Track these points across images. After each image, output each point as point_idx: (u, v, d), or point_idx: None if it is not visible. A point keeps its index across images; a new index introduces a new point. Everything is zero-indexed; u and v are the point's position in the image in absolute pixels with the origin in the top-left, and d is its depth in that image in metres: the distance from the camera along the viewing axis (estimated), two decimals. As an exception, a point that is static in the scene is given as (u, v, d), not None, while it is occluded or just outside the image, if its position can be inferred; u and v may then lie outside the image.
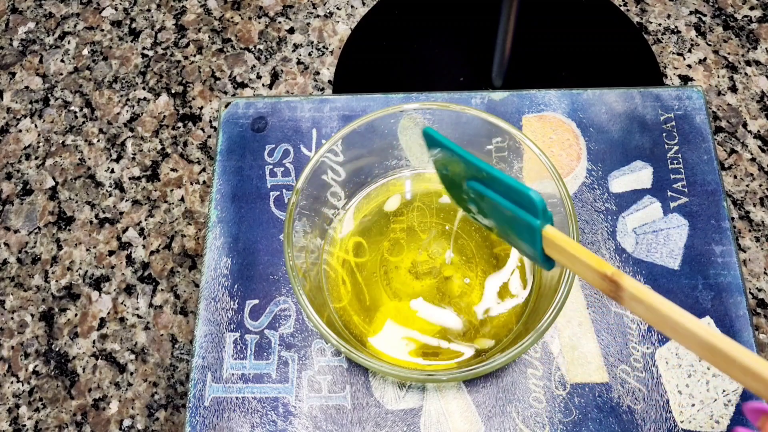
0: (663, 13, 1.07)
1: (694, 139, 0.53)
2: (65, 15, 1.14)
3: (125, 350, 0.89)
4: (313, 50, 1.08)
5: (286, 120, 0.54)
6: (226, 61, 1.08)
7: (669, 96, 0.54)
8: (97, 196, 0.99)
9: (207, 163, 0.99)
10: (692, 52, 1.03)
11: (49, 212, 0.98)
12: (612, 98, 0.54)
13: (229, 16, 1.12)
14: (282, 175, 0.53)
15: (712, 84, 1.00)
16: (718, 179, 0.52)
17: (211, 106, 1.04)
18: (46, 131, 1.04)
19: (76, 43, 1.11)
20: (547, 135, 0.53)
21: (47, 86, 1.08)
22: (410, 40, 1.09)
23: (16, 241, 0.97)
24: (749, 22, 1.05)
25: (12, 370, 0.89)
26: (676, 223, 0.50)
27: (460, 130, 0.45)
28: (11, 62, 1.11)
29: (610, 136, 0.53)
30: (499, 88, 1.03)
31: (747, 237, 0.87)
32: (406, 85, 1.05)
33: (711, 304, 0.48)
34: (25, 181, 1.01)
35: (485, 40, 1.02)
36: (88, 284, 0.93)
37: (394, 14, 1.11)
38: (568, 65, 1.04)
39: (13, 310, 0.93)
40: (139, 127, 1.04)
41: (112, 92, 1.07)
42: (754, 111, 0.97)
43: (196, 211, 0.96)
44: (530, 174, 0.44)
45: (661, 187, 0.51)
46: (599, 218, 0.50)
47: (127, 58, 1.09)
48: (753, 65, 1.01)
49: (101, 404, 0.86)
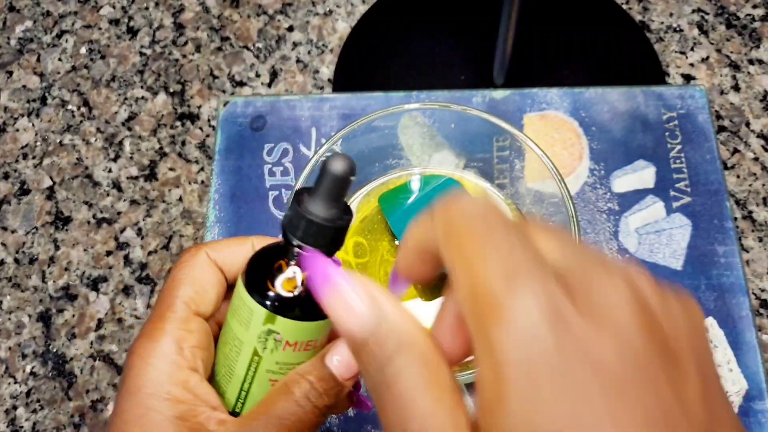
0: (665, 12, 1.06)
1: (696, 139, 0.52)
2: (63, 13, 1.13)
3: (123, 351, 0.89)
4: (312, 48, 1.07)
5: (285, 119, 0.54)
6: (225, 60, 1.07)
7: (671, 95, 0.54)
8: (95, 196, 0.98)
9: (205, 162, 0.99)
10: (695, 51, 1.02)
11: (46, 212, 0.98)
12: (614, 97, 0.54)
13: (228, 14, 1.11)
14: (281, 174, 0.52)
15: (714, 83, 0.99)
16: (721, 179, 0.51)
17: (209, 105, 1.03)
18: (44, 130, 1.04)
19: (73, 42, 1.11)
20: (549, 134, 0.52)
21: (45, 85, 1.08)
22: (410, 38, 1.08)
23: (13, 242, 0.96)
24: (752, 21, 1.04)
25: (9, 371, 0.89)
26: (679, 223, 0.49)
27: (461, 130, 0.44)
28: (8, 61, 1.10)
29: (612, 135, 0.52)
30: (501, 87, 1.02)
31: (750, 237, 0.87)
32: (406, 83, 1.04)
33: (714, 305, 0.47)
34: (22, 181, 1.00)
35: (487, 39, 1.02)
36: (86, 285, 0.93)
37: (394, 12, 1.11)
38: (569, 64, 1.03)
39: (11, 311, 0.92)
40: (137, 126, 1.03)
41: (110, 91, 1.06)
42: (757, 110, 0.97)
43: (194, 210, 0.96)
44: (532, 174, 0.43)
45: (664, 186, 0.51)
46: (601, 218, 0.49)
47: (125, 57, 1.09)
48: (756, 64, 1.01)
49: (99, 406, 0.86)
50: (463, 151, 0.47)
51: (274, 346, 0.27)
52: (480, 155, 0.46)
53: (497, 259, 0.18)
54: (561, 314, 0.17)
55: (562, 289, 0.18)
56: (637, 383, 0.17)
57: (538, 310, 0.17)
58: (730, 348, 0.46)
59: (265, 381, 0.28)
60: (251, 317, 0.26)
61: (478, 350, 0.18)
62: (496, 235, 0.19)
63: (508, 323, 0.17)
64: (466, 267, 0.19)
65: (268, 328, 0.26)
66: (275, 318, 0.26)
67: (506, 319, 0.17)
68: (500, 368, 0.17)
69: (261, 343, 0.27)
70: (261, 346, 0.27)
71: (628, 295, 0.18)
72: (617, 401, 0.16)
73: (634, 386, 0.17)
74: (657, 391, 0.17)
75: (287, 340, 0.27)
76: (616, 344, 0.17)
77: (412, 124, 0.45)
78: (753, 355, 0.46)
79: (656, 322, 0.18)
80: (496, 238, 0.19)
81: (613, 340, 0.17)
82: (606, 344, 0.17)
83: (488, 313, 0.18)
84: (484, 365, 0.18)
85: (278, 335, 0.26)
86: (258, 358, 0.27)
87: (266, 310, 0.26)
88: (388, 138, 0.45)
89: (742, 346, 0.46)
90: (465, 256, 0.19)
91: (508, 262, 0.18)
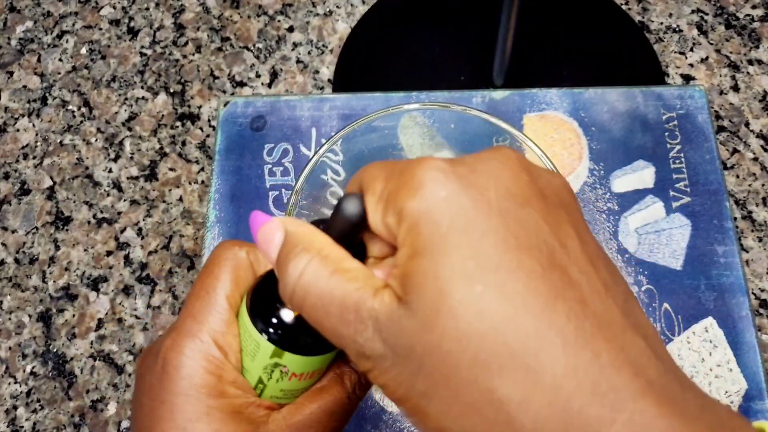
0: (665, 12, 1.06)
1: (696, 139, 0.52)
2: (63, 14, 1.14)
3: (123, 351, 0.89)
4: (312, 49, 1.07)
5: (285, 119, 0.54)
6: (225, 60, 1.07)
7: (671, 95, 0.54)
8: (95, 196, 0.98)
9: (205, 162, 0.99)
10: (694, 51, 1.03)
11: (46, 212, 0.98)
12: (614, 97, 0.54)
13: (228, 14, 1.11)
14: (281, 174, 0.52)
15: (714, 83, 0.99)
16: (721, 179, 0.51)
17: (209, 105, 1.03)
18: (44, 131, 1.04)
19: (74, 42, 1.11)
20: (549, 134, 0.52)
21: (45, 85, 1.08)
22: (410, 39, 1.08)
23: (13, 242, 0.96)
24: (751, 21, 1.05)
25: (9, 371, 0.89)
26: (679, 223, 0.49)
27: (461, 130, 0.44)
28: (9, 61, 1.10)
29: (612, 135, 0.52)
30: (501, 87, 1.02)
31: (749, 237, 0.87)
32: (406, 83, 1.04)
33: (713, 305, 0.47)
34: (22, 181, 1.01)
35: (486, 39, 1.02)
36: (86, 285, 0.93)
37: (394, 12, 1.11)
38: (569, 64, 1.03)
39: (11, 311, 0.92)
40: (138, 126, 1.03)
41: (111, 91, 1.06)
42: (756, 110, 0.97)
43: (194, 211, 0.96)
44: (532, 174, 0.43)
45: (664, 186, 0.51)
46: (601, 218, 0.49)
47: (125, 57, 1.09)
48: (755, 64, 1.01)
49: (99, 405, 0.86)
50: (463, 151, 0.47)
51: (279, 376, 0.26)
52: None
53: (391, 166, 0.22)
54: (453, 172, 0.20)
55: (453, 163, 0.21)
56: (519, 214, 0.20)
57: (437, 173, 0.20)
58: (730, 348, 0.46)
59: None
60: (257, 350, 0.26)
61: (399, 234, 0.21)
62: (386, 162, 0.23)
63: (415, 191, 0.20)
64: (374, 182, 0.22)
65: (275, 361, 0.26)
66: (283, 354, 0.25)
67: (413, 188, 0.20)
68: (413, 227, 0.20)
69: (266, 373, 0.26)
70: (266, 377, 0.26)
71: (506, 157, 0.21)
72: (502, 227, 0.19)
73: (517, 215, 0.20)
74: (536, 222, 0.20)
75: (293, 371, 0.26)
76: (497, 186, 0.20)
77: (412, 124, 0.45)
78: (753, 355, 0.46)
79: (532, 175, 0.21)
80: (386, 163, 0.23)
81: (495, 182, 0.20)
82: (490, 186, 0.20)
83: (401, 195, 0.21)
84: (401, 237, 0.21)
85: (285, 368, 0.26)
86: (263, 386, 0.27)
87: (274, 346, 0.25)
88: (388, 138, 0.45)
89: (741, 346, 0.46)
90: (370, 179, 0.23)
91: (401, 164, 0.22)
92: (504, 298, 0.18)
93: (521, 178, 0.21)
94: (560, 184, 0.22)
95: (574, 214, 0.22)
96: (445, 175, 0.20)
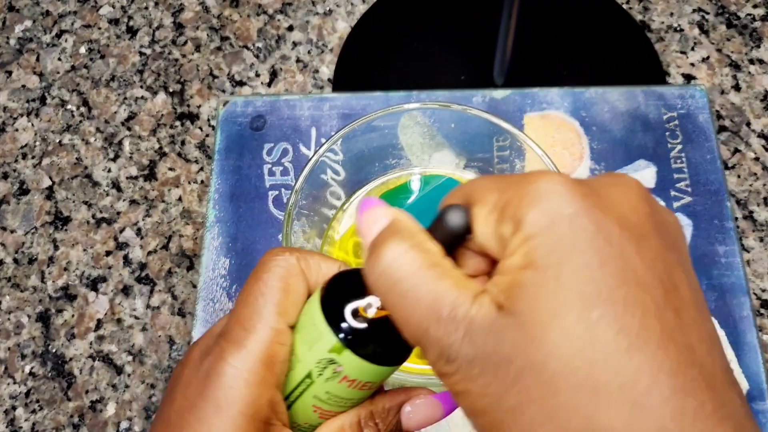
0: (666, 11, 1.06)
1: (697, 138, 0.52)
2: (62, 13, 1.13)
3: (122, 351, 0.88)
4: (312, 48, 1.07)
5: (285, 118, 0.54)
6: (225, 59, 1.07)
7: (672, 95, 0.54)
8: (94, 196, 0.98)
9: (205, 162, 0.99)
10: (695, 51, 1.02)
11: (45, 212, 0.98)
12: (615, 97, 0.54)
13: (228, 13, 1.11)
14: (281, 174, 0.52)
15: (715, 83, 0.99)
16: (722, 179, 0.51)
17: (209, 105, 1.03)
18: (43, 130, 1.04)
19: (73, 42, 1.10)
20: (550, 134, 0.52)
21: (44, 85, 1.07)
22: (411, 38, 1.08)
23: (12, 242, 0.96)
24: (753, 21, 1.04)
25: (8, 371, 0.89)
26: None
27: (461, 130, 0.44)
28: (8, 61, 1.10)
29: (612, 135, 0.52)
30: (501, 87, 1.02)
31: (751, 237, 0.87)
32: (406, 83, 1.04)
33: (715, 305, 0.47)
34: (21, 181, 1.00)
35: (487, 38, 1.02)
36: (85, 285, 0.92)
37: (395, 12, 1.10)
38: (570, 63, 1.03)
39: (10, 311, 0.92)
40: (137, 126, 1.03)
41: (110, 91, 1.06)
42: (757, 110, 0.97)
43: (194, 210, 0.96)
44: (532, 173, 0.43)
45: (665, 186, 0.50)
46: (602, 218, 0.49)
47: (124, 57, 1.09)
48: (757, 64, 1.01)
49: (98, 406, 0.86)
50: (463, 151, 0.47)
51: (330, 375, 0.25)
52: (480, 155, 0.46)
53: (508, 179, 0.22)
54: (578, 191, 0.20)
55: (575, 181, 0.21)
56: (638, 247, 0.20)
57: (561, 188, 0.20)
58: (731, 348, 0.46)
59: (308, 406, 0.26)
60: (318, 340, 0.25)
61: (512, 242, 0.20)
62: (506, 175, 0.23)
63: (538, 201, 0.20)
64: (488, 195, 0.22)
65: (332, 357, 0.25)
66: (343, 350, 0.24)
67: (536, 199, 0.20)
68: (530, 238, 0.20)
69: (318, 368, 0.25)
70: (317, 372, 0.25)
71: (627, 186, 0.21)
72: (621, 258, 0.19)
73: (637, 248, 0.20)
74: (653, 258, 0.20)
75: (347, 375, 0.25)
76: (619, 213, 0.20)
77: (412, 123, 0.44)
78: (754, 356, 0.46)
79: (652, 209, 0.21)
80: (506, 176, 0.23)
81: (616, 210, 0.20)
82: (613, 212, 0.20)
83: (523, 204, 0.20)
84: (514, 246, 0.20)
85: (339, 367, 0.25)
86: (309, 381, 0.25)
87: (337, 340, 0.24)
88: (388, 138, 0.45)
89: (743, 346, 0.46)
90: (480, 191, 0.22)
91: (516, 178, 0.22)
92: (619, 330, 0.18)
93: (641, 210, 0.21)
94: (674, 222, 0.22)
95: (684, 256, 0.22)
96: (570, 191, 0.20)
